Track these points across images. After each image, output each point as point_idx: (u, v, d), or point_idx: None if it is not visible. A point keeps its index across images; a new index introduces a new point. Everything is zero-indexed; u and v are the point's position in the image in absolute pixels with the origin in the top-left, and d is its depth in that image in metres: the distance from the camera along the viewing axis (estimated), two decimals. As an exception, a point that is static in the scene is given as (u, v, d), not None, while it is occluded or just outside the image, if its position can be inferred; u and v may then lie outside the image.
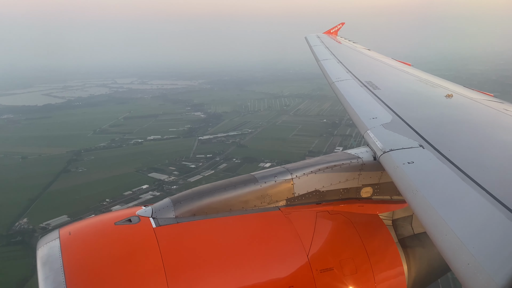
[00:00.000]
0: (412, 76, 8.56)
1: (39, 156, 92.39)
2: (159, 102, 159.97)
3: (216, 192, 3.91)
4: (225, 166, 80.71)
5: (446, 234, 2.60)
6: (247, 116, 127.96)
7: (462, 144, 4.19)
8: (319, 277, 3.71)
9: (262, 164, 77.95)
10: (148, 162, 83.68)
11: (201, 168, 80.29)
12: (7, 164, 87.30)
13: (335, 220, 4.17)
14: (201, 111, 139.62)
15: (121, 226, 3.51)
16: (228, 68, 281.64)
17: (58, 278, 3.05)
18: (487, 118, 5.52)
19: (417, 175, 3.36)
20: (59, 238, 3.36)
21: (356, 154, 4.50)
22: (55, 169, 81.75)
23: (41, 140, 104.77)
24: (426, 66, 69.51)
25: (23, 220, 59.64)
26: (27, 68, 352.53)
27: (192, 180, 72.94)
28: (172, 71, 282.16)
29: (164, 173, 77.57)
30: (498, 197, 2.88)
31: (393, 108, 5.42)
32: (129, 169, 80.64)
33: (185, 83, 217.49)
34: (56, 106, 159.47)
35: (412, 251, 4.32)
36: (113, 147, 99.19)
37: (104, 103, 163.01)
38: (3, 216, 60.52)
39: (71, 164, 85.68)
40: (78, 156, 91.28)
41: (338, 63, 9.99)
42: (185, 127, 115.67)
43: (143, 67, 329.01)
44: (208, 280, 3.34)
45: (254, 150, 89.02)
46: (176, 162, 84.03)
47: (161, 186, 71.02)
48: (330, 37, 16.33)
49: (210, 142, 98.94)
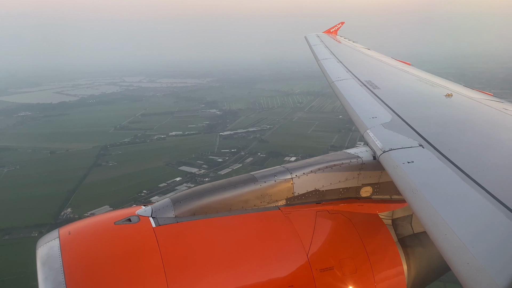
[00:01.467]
0: (412, 76, 8.58)
1: (66, 151, 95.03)
2: (172, 99, 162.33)
3: (216, 191, 3.93)
4: (251, 160, 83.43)
5: (446, 234, 2.59)
6: (263, 113, 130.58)
7: (462, 144, 4.18)
8: (319, 277, 3.72)
9: (287, 158, 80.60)
10: (176, 157, 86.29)
11: (228, 162, 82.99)
12: (38, 158, 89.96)
13: (335, 220, 4.17)
14: (216, 108, 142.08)
15: (120, 226, 3.51)
16: (233, 67, 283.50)
17: (58, 277, 3.05)
18: (487, 117, 5.51)
19: (417, 175, 3.37)
20: (58, 238, 3.36)
21: (356, 153, 4.54)
22: (86, 163, 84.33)
23: (65, 136, 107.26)
24: (430, 65, 73.21)
25: (67, 210, 62.28)
26: (32, 67, 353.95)
27: (222, 173, 75.70)
28: (178, 70, 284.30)
29: (194, 167, 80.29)
30: (498, 196, 2.87)
31: (392, 107, 5.42)
32: (158, 163, 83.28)
33: (193, 81, 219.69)
34: (70, 103, 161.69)
35: (411, 251, 4.32)
36: (137, 142, 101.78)
37: (117, 100, 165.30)
38: (49, 206, 63.31)
39: (100, 158, 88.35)
40: (105, 151, 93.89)
41: (338, 62, 9.98)
42: (204, 124, 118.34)
43: (148, 65, 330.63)
44: (208, 280, 3.36)
45: (276, 145, 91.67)
46: (202, 157, 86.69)
47: (194, 178, 73.72)
48: (329, 36, 16.36)
49: (232, 137, 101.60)
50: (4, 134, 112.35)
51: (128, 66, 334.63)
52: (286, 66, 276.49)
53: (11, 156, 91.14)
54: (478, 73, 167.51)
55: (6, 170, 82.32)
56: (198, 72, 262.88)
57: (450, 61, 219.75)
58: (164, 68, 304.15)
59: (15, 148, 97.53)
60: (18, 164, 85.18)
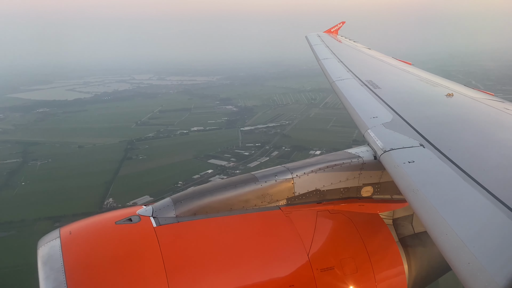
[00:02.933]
0: (413, 75, 8.58)
1: (93, 145, 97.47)
2: (185, 96, 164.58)
3: (216, 191, 3.94)
4: (277, 153, 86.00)
5: (446, 234, 2.60)
6: (278, 109, 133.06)
7: (463, 144, 4.18)
8: (320, 276, 3.73)
9: (312, 152, 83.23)
10: (202, 150, 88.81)
11: (255, 155, 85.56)
12: (67, 152, 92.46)
13: (336, 220, 4.18)
14: (231, 105, 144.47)
15: (121, 226, 3.53)
16: (238, 65, 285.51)
17: (59, 277, 3.07)
18: (487, 117, 5.49)
19: (418, 175, 3.38)
20: (59, 238, 3.38)
21: (357, 153, 4.54)
22: (116, 157, 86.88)
23: (88, 131, 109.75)
24: (435, 63, 76.24)
25: (109, 200, 64.84)
26: (38, 65, 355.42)
27: (251, 165, 78.24)
28: (185, 68, 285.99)
29: (222, 160, 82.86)
30: (499, 196, 2.88)
31: (393, 107, 5.42)
32: (187, 156, 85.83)
33: (203, 79, 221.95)
34: (85, 100, 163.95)
35: (412, 250, 4.33)
36: (161, 137, 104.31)
37: (131, 97, 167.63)
38: (90, 196, 65.94)
39: (129, 152, 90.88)
40: (132, 145, 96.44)
41: (339, 62, 9.97)
42: (223, 119, 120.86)
43: (153, 64, 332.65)
44: (209, 279, 3.37)
45: (298, 140, 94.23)
46: (228, 150, 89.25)
47: (225, 170, 76.30)
48: (330, 36, 16.35)
49: (253, 132, 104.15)
50: (28, 130, 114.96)
51: (133, 64, 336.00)
52: (292, 64, 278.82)
53: (40, 150, 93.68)
54: (487, 70, 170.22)
55: (39, 163, 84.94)
56: (205, 70, 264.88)
57: (457, 59, 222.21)
58: (170, 66, 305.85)
59: (42, 142, 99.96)
60: (49, 158, 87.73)
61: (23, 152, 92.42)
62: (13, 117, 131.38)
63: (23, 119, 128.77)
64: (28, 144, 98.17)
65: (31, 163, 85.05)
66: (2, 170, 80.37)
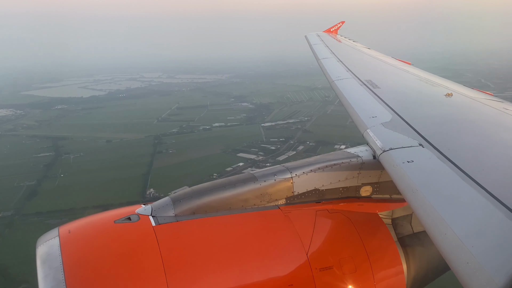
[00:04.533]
0: (412, 75, 8.60)
1: (121, 140, 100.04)
2: (199, 94, 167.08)
3: (215, 190, 3.97)
4: (302, 148, 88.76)
5: (445, 233, 2.61)
6: (294, 106, 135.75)
7: (462, 143, 4.20)
8: (319, 276, 3.76)
9: (337, 146, 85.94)
10: (229, 145, 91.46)
11: (281, 149, 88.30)
12: (96, 146, 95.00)
13: (335, 219, 4.21)
14: (246, 102, 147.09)
15: (120, 225, 3.55)
16: (245, 64, 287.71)
17: (58, 276, 3.08)
18: (487, 117, 5.49)
19: (417, 174, 3.39)
20: (58, 236, 3.41)
21: (356, 153, 4.57)
22: (146, 151, 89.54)
23: (111, 127, 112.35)
24: (441, 63, 79.40)
25: (150, 190, 67.46)
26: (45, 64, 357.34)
27: (280, 158, 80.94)
28: (191, 67, 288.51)
29: (250, 154, 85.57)
30: (497, 196, 2.89)
31: (393, 107, 5.42)
32: (215, 150, 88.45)
33: (212, 77, 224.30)
34: (101, 97, 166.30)
35: (411, 250, 4.34)
36: (185, 132, 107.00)
37: (146, 95, 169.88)
38: (131, 187, 68.59)
39: (158, 146, 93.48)
40: (159, 140, 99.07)
41: (338, 61, 9.99)
42: (241, 116, 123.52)
43: (158, 62, 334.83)
44: (208, 278, 3.40)
45: (320, 135, 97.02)
46: (254, 145, 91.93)
47: (256, 163, 78.98)
48: (330, 35, 16.38)
49: (274, 128, 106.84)
50: (52, 125, 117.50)
51: (138, 63, 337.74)
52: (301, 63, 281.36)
53: (69, 145, 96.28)
54: (494, 69, 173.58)
55: (72, 156, 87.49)
56: (210, 68, 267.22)
57: (462, 58, 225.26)
58: (175, 65, 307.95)
59: (69, 137, 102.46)
60: (81, 152, 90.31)
61: (53, 146, 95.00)
62: (34, 114, 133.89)
63: (44, 115, 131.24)
64: (56, 139, 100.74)
65: (64, 157, 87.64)
66: (38, 163, 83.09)
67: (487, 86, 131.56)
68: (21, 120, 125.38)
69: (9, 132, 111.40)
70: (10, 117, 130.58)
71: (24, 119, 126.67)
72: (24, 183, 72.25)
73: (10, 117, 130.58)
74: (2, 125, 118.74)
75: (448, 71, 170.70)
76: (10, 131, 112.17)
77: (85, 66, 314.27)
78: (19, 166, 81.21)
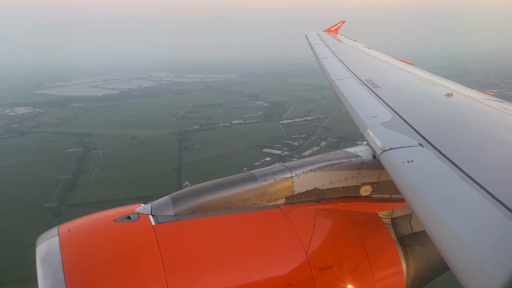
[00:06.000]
0: (412, 75, 8.62)
1: (145, 136, 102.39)
2: (211, 93, 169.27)
3: (215, 190, 3.98)
4: (325, 144, 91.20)
5: (445, 233, 2.61)
6: (309, 105, 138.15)
7: (462, 143, 4.21)
8: (318, 275, 3.77)
9: (359, 142, 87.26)
10: (252, 141, 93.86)
11: (304, 145, 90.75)
12: (122, 142, 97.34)
13: (334, 219, 4.22)
14: (260, 100, 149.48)
15: (120, 224, 3.57)
16: (252, 63, 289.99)
17: (57, 275, 3.08)
18: (487, 117, 5.53)
19: (417, 174, 3.40)
20: (58, 235, 3.41)
21: (356, 152, 4.61)
22: (173, 147, 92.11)
23: (133, 124, 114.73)
24: (447, 62, 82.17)
25: (186, 183, 69.81)
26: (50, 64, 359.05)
27: (305, 154, 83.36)
28: (200, 66, 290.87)
29: (275, 149, 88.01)
30: (497, 196, 2.89)
31: (393, 106, 5.45)
32: (239, 146, 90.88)
33: (221, 76, 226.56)
34: (115, 96, 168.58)
35: (411, 250, 4.35)
36: (206, 129, 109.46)
37: (159, 93, 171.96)
38: (167, 180, 71.09)
39: (183, 142, 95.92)
40: (183, 136, 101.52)
41: (338, 61, 10.03)
42: (258, 114, 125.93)
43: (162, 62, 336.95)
44: (207, 278, 3.41)
45: (340, 132, 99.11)
46: (277, 141, 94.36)
47: (282, 158, 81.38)
48: (330, 35, 16.41)
49: (293, 125, 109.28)
50: (73, 122, 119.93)
51: (144, 62, 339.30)
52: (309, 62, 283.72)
53: (96, 141, 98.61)
54: (501, 68, 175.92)
55: (101, 152, 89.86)
56: (219, 68, 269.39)
57: (467, 58, 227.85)
58: (182, 64, 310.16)
59: (93, 134, 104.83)
60: (109, 147, 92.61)
61: (79, 143, 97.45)
62: (53, 111, 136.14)
63: (62, 113, 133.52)
64: (80, 135, 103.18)
65: (93, 152, 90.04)
66: (69, 158, 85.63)
67: (496, 85, 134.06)
68: (41, 118, 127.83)
69: (33, 129, 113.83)
70: (30, 115, 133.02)
71: (44, 117, 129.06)
72: (60, 176, 74.72)
73: (30, 115, 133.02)
74: (24, 123, 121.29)
75: (455, 70, 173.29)
76: (34, 128, 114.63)
77: (91, 65, 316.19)
78: (51, 161, 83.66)
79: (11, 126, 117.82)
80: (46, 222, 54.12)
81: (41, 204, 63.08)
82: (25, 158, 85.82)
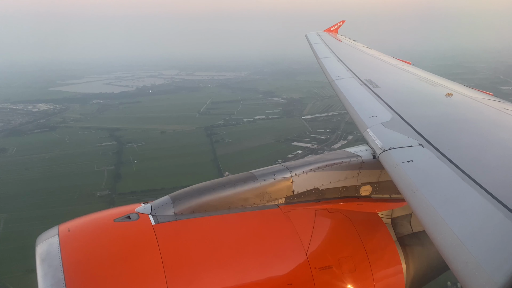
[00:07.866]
0: (412, 75, 8.65)
1: (174, 131, 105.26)
2: (226, 90, 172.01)
3: (215, 189, 3.97)
4: (352, 137, 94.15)
5: (445, 233, 2.61)
6: (326, 101, 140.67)
7: (461, 143, 4.22)
8: (318, 275, 3.77)
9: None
10: (280, 135, 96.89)
11: (332, 139, 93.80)
12: (153, 136, 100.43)
13: (334, 219, 4.22)
14: (277, 97, 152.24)
15: (120, 223, 3.56)
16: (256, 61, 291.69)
17: (57, 274, 3.09)
18: (486, 117, 5.53)
19: (417, 174, 3.40)
20: (58, 235, 3.42)
21: (356, 152, 4.59)
22: (203, 140, 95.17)
23: (158, 119, 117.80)
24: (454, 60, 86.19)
25: (225, 173, 72.67)
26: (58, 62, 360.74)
27: (335, 146, 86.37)
28: (208, 64, 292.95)
29: (304, 143, 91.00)
30: (497, 196, 2.89)
31: (392, 106, 5.45)
32: (268, 140, 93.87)
33: (231, 74, 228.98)
34: (131, 93, 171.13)
35: (411, 250, 4.36)
36: (231, 124, 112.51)
37: (174, 91, 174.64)
38: (207, 170, 74.22)
39: (212, 137, 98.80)
40: (210, 131, 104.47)
41: (338, 61, 10.05)
42: (278, 109, 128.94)
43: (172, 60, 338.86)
44: (207, 277, 3.41)
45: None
46: (305, 135, 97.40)
47: (314, 151, 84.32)
48: (330, 35, 16.46)
49: (316, 120, 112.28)
50: (97, 118, 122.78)
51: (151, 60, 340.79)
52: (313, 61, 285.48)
53: (127, 135, 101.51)
54: (509, 66, 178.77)
55: (135, 145, 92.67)
56: (227, 66, 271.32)
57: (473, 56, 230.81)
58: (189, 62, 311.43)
59: (123, 128, 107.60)
60: (142, 141, 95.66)
61: (111, 137, 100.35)
62: (74, 108, 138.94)
63: (84, 109, 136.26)
64: (110, 130, 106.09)
65: (128, 145, 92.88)
66: (106, 151, 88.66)
67: (507, 83, 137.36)
68: (65, 114, 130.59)
69: (61, 124, 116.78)
70: (53, 111, 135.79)
71: (67, 113, 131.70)
72: (103, 167, 77.56)
73: (53, 111, 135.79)
74: (50, 118, 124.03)
75: (463, 68, 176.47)
76: (61, 124, 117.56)
77: (98, 64, 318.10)
78: (88, 154, 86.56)
79: (39, 121, 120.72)
80: (104, 208, 56.78)
81: (93, 192, 65.96)
82: (62, 151, 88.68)
